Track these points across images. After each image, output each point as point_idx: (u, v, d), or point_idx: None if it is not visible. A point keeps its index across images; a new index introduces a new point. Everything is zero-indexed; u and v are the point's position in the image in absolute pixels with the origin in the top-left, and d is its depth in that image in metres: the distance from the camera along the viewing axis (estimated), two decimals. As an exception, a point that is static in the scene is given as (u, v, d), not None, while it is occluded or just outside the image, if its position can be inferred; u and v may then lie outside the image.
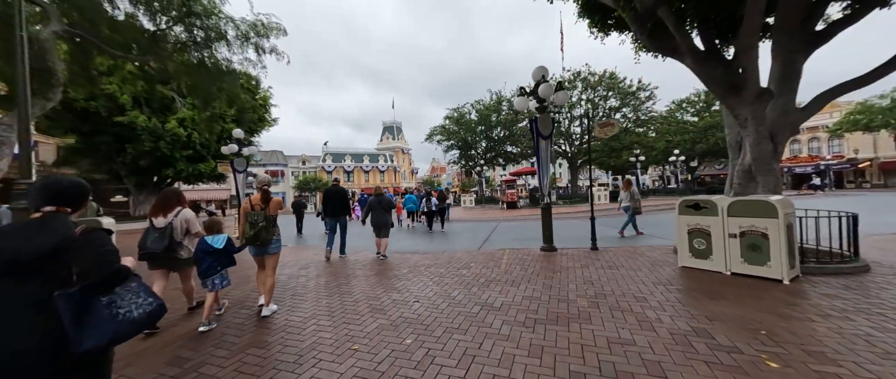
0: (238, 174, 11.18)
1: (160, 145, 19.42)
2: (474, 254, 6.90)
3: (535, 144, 6.61)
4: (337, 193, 7.35)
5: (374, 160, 56.52)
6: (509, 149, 32.28)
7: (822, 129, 41.47)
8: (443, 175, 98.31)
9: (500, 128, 29.43)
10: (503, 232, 10.95)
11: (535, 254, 6.59)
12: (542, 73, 6.34)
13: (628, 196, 8.93)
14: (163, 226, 3.59)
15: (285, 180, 49.88)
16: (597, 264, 5.47)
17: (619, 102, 22.57)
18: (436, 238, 10.56)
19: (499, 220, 15.46)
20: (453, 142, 30.27)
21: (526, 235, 9.80)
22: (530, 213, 17.78)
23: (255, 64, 9.53)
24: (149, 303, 1.38)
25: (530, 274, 5.02)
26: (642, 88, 21.91)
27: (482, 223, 14.32)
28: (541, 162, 6.64)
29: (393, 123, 63.75)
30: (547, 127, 6.54)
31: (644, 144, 22.22)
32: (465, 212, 21.37)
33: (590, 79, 22.22)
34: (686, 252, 4.85)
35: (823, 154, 40.92)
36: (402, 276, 5.36)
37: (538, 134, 6.52)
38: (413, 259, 6.69)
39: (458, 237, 10.24)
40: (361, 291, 4.58)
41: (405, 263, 6.30)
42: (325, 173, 51.09)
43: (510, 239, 9.28)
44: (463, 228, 12.54)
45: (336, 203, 7.32)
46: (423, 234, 11.78)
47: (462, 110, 29.84)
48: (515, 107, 6.70)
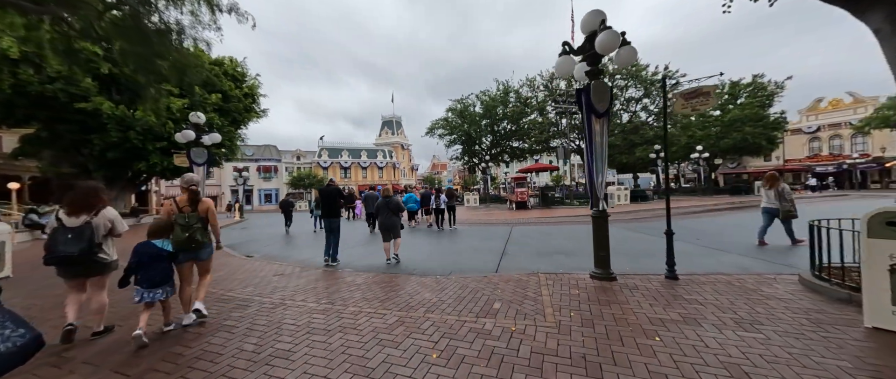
0: (197, 167, 9.15)
1: (130, 136, 17.40)
2: (495, 280, 4.89)
3: (586, 124, 4.57)
4: (329, 192, 6.93)
5: (372, 156, 54.44)
6: (515, 144, 30.20)
7: (845, 126, 39.35)
8: (443, 172, 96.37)
9: (507, 121, 27.34)
10: (521, 240, 8.94)
11: (583, 283, 4.57)
12: (599, 20, 4.28)
13: (775, 195, 6.86)
14: (78, 225, 3.17)
15: (279, 176, 47.84)
16: (704, 312, 3.46)
17: (642, 92, 20.36)
18: (442, 243, 8.57)
19: (510, 222, 13.45)
20: (456, 136, 28.17)
21: (552, 246, 7.78)
22: (542, 215, 15.75)
23: (208, 26, 7.45)
24: (20, 335, 1.15)
25: (599, 335, 3.01)
26: (669, 76, 19.67)
27: (492, 227, 12.32)
28: (593, 150, 4.59)
29: (392, 118, 61.55)
30: (603, 97, 4.50)
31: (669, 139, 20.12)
32: (470, 212, 19.36)
33: (608, 65, 19.94)
34: (886, 302, 2.84)
35: (846, 152, 38.81)
36: (387, 333, 3.34)
37: (590, 109, 4.48)
38: (409, 287, 4.68)
39: (466, 246, 8.24)
40: (303, 360, 2.58)
41: (399, 296, 4.29)
42: (320, 169, 49.04)
43: (534, 252, 7.26)
44: (471, 233, 10.55)
45: (328, 204, 6.86)
46: (425, 236, 9.83)
47: (466, 102, 27.70)
48: (557, 73, 4.64)
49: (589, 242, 5.11)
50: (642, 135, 20.87)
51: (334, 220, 6.75)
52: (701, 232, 9.24)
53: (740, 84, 25.52)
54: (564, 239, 8.88)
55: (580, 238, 8.83)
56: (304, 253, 8.37)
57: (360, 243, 9.46)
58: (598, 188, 4.56)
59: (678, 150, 23.98)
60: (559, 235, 9.54)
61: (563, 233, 10.00)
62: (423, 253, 7.76)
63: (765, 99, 25.08)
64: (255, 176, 46.34)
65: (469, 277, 5.15)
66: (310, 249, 8.81)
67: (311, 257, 7.64)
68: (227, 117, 21.84)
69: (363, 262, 7.03)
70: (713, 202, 18.68)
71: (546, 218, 14.21)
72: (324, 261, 6.69)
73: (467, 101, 27.71)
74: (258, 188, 46.79)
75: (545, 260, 6.47)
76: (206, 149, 9.33)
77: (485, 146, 28.82)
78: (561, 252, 7.12)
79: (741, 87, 25.19)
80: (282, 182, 47.48)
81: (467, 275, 5.33)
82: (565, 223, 12.63)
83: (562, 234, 9.86)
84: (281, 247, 9.71)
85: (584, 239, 8.54)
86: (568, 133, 20.76)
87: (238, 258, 7.58)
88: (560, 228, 11.30)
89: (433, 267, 6.27)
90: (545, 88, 22.49)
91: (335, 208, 6.82)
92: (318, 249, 8.58)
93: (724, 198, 21.02)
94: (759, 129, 24.71)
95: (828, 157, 39.75)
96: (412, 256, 7.41)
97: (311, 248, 9.10)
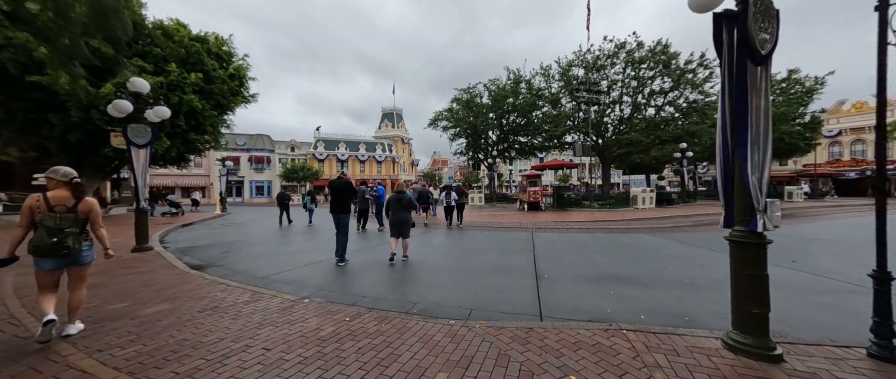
0: (137, 149, 7.15)
1: (93, 116, 15.33)
2: (550, 340, 2.95)
3: (735, 77, 2.57)
4: (341, 186, 6.39)
5: (370, 149, 52.31)
6: (523, 139, 28.13)
7: (868, 130, 37.44)
8: (444, 169, 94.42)
9: (516, 114, 25.26)
10: (552, 255, 6.97)
11: (721, 360, 2.60)
12: None
13: None
14: None
15: (272, 167, 45.64)
16: None
17: (673, 83, 18.20)
18: (451, 255, 6.55)
19: (525, 226, 11.47)
20: (461, 129, 26.05)
21: (600, 267, 5.78)
22: (560, 218, 13.78)
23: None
24: None
25: None
26: (704, 64, 17.57)
27: (507, 233, 10.34)
28: (746, 122, 2.57)
29: (393, 110, 59.27)
30: (769, 23, 2.50)
31: (696, 133, 18.02)
32: (477, 212, 17.40)
33: (636, 52, 17.91)
34: None
35: (869, 158, 36.91)
36: None
37: (745, 49, 2.49)
38: (406, 352, 2.72)
39: (484, 263, 6.27)
40: None
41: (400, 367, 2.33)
42: (315, 161, 46.89)
43: (581, 277, 5.28)
44: (485, 241, 8.58)
45: (338, 198, 6.37)
46: (429, 243, 7.86)
47: (473, 91, 25.55)
48: (691, 5, 2.58)
49: (646, 261, 3.27)
50: (669, 132, 18.81)
51: (344, 216, 6.34)
52: (788, 249, 7.29)
53: (774, 79, 23.49)
54: (608, 254, 6.91)
55: (629, 254, 6.86)
56: (273, 263, 6.40)
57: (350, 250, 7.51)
58: (754, 189, 2.54)
59: (701, 151, 22.02)
60: (596, 248, 7.59)
61: (600, 244, 8.04)
62: (429, 271, 5.78)
63: (802, 95, 23.08)
64: (246, 167, 44.19)
65: (503, 328, 3.18)
66: (285, 257, 6.85)
67: (275, 273, 5.67)
68: (210, 100, 19.75)
69: (346, 289, 5.08)
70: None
71: (567, 223, 12.24)
72: (335, 261, 6.32)
73: (474, 90, 25.59)
74: (249, 179, 44.64)
75: (603, 292, 4.51)
76: (151, 127, 7.30)
77: (491, 141, 26.75)
78: (619, 278, 5.15)
79: (775, 82, 23.14)
80: (275, 174, 45.29)
81: (498, 322, 3.37)
82: (594, 230, 10.66)
83: (598, 245, 7.90)
84: (254, 252, 7.73)
85: (636, 256, 6.58)
86: (589, 126, 18.41)
87: (179, 271, 5.60)
88: (591, 237, 9.33)
89: (444, 299, 4.30)
90: (562, 77, 20.38)
91: (346, 203, 6.40)
92: (297, 255, 6.71)
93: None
94: (796, 128, 22.81)
95: (850, 163, 37.91)
96: (415, 274, 5.44)
97: (288, 255, 7.14)
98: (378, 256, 6.97)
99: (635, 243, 8.09)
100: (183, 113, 18.04)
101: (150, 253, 6.94)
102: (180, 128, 18.20)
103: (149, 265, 6.08)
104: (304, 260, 6.73)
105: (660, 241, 8.41)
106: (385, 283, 5.07)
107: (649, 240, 8.58)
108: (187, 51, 18.32)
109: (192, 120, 18.79)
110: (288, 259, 6.86)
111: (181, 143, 19.17)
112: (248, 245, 8.71)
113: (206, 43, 19.86)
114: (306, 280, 5.29)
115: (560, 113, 20.84)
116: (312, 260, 6.68)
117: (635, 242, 8.21)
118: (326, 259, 6.70)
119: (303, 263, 6.49)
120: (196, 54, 18.49)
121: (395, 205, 6.45)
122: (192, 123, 18.93)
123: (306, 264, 6.34)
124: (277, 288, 4.77)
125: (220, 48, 20.66)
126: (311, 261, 6.62)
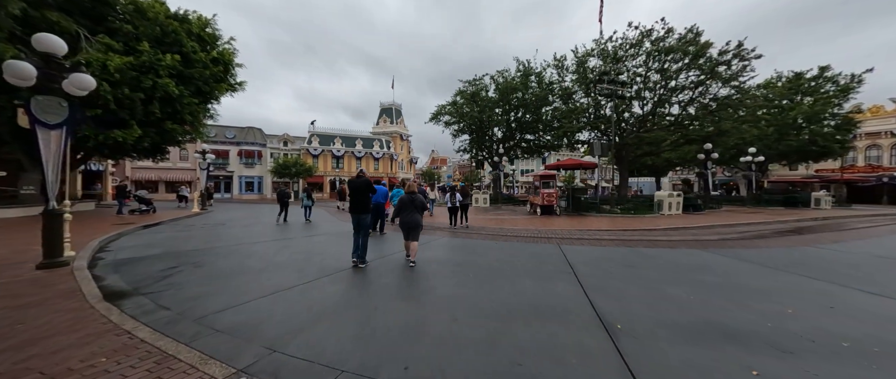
0: (47, 130, 5.34)
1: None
2: None
3: None
4: (360, 185, 6.07)
5: (368, 145, 50.36)
6: (529, 137, 26.40)
7: (885, 135, 36.10)
8: (443, 167, 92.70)
9: (523, 110, 23.51)
10: (603, 284, 5.25)
11: None
12: None
13: None
14: None
15: (263, 162, 43.51)
16: None
17: (703, 76, 16.20)
18: (466, 281, 4.73)
19: (543, 235, 9.73)
20: (465, 124, 24.24)
21: (692, 310, 4.01)
22: (579, 225, 12.07)
23: None
24: None
25: None
26: (741, 54, 15.79)
27: (523, 244, 8.60)
28: None
29: (391, 105, 57.30)
30: None
31: (728, 132, 16.29)
32: (482, 216, 15.68)
33: (666, 40, 16.15)
34: None
35: (884, 164, 35.60)
36: None
37: None
38: None
39: (514, 295, 4.52)
40: None
41: None
42: (309, 157, 44.87)
43: (671, 328, 3.52)
44: (499, 254, 6.86)
45: (358, 198, 6.04)
46: (430, 247, 6.15)
47: (479, 84, 23.74)
48: None
49: (740, 297, 3.32)
50: (698, 130, 17.09)
51: (364, 216, 6.05)
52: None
53: (803, 77, 21.90)
54: (678, 282, 5.18)
55: (706, 283, 5.14)
56: (228, 289, 4.62)
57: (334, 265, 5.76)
58: None
59: (725, 153, 20.41)
60: (654, 271, 5.88)
61: (654, 265, 6.33)
62: (442, 309, 4.05)
63: (838, 93, 21.47)
64: (235, 161, 42.07)
65: None
66: (247, 278, 5.07)
67: (221, 308, 3.89)
68: (190, 86, 17.85)
69: (316, 347, 3.33)
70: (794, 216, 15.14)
71: (592, 232, 10.53)
72: (351, 262, 6.00)
73: (480, 83, 23.78)
74: (239, 175, 42.50)
75: (731, 365, 2.79)
76: (70, 102, 5.48)
77: (497, 138, 24.99)
78: (732, 333, 3.42)
79: (804, 80, 21.55)
80: (266, 169, 43.19)
81: None
82: (631, 243, 8.93)
83: (653, 266, 6.19)
84: (210, 269, 5.93)
85: (718, 287, 4.88)
86: (612, 122, 16.40)
87: (78, 305, 3.81)
88: (634, 253, 7.62)
89: (474, 375, 2.57)
90: (578, 68, 18.61)
91: (365, 203, 6.11)
92: (264, 274, 5.00)
93: (788, 212, 17.43)
94: (830, 130, 21.28)
95: (865, 168, 36.57)
96: (424, 319, 3.69)
97: (253, 274, 5.36)
98: (370, 280, 5.23)
99: (700, 265, 6.39)
100: (157, 98, 16.16)
101: (61, 270, 5.15)
102: (154, 115, 16.30)
103: (44, 291, 4.30)
104: (272, 283, 4.97)
105: (727, 261, 6.72)
106: (378, 334, 3.32)
107: (712, 259, 6.88)
108: (163, 29, 16.38)
109: (168, 107, 16.90)
110: (250, 281, 5.09)
111: (156, 132, 17.25)
112: (209, 256, 6.91)
113: (187, 23, 17.90)
114: (261, 324, 3.54)
115: (577, 108, 19.07)
116: (281, 284, 4.92)
117: (698, 264, 6.51)
118: (299, 284, 4.94)
119: (268, 288, 4.73)
120: (174, 34, 16.55)
121: (408, 206, 6.10)
122: (168, 111, 17.04)
123: (271, 292, 4.58)
124: (206, 345, 3.01)
125: (203, 29, 18.66)
126: (278, 285, 4.86)
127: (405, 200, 6.21)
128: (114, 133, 14.91)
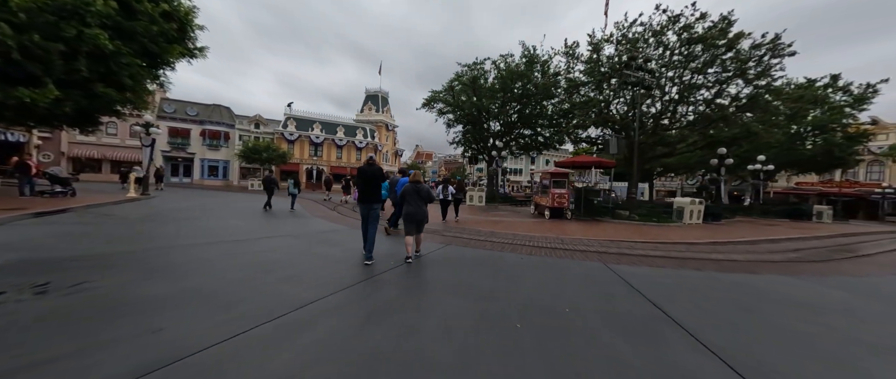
0: None
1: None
2: None
3: None
4: (371, 174, 5.57)
5: (350, 134, 47.11)
6: (527, 132, 24.56)
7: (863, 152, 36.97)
8: (428, 163, 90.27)
9: (525, 101, 21.55)
10: (739, 350, 3.20)
11: None
12: None
13: None
14: None
15: (230, 145, 39.42)
16: None
17: (734, 70, 14.20)
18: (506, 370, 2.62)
19: (570, 247, 7.67)
20: (462, 113, 22.02)
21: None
22: (601, 233, 10.17)
23: None
24: None
25: None
26: (776, 49, 14.28)
27: (557, 259, 6.49)
28: None
29: (378, 92, 54.05)
30: None
31: (760, 136, 14.88)
32: (480, 216, 13.56)
33: (696, 27, 14.45)
34: None
35: (860, 180, 36.49)
36: None
37: None
38: None
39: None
40: None
41: None
42: (284, 142, 41.18)
43: None
44: (534, 281, 4.74)
45: (367, 187, 5.54)
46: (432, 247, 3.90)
47: (479, 69, 21.52)
48: None
49: None
50: (726, 131, 15.63)
51: (375, 206, 5.53)
52: None
53: (814, 84, 21.18)
54: (829, 335, 3.22)
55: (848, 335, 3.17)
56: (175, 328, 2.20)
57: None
58: None
59: (734, 158, 19.32)
60: (780, 316, 3.92)
61: (768, 300, 4.38)
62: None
63: (852, 103, 20.91)
64: (197, 142, 37.82)
65: None
66: (133, 320, 2.67)
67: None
68: (132, 44, 14.62)
69: None
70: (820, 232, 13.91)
71: (628, 243, 8.59)
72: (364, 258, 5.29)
73: (481, 68, 21.57)
74: (201, 157, 38.29)
75: None
76: None
77: (495, 131, 22.95)
78: None
79: (815, 87, 20.83)
80: (233, 152, 39.13)
81: None
82: (695, 262, 6.97)
83: (770, 304, 4.24)
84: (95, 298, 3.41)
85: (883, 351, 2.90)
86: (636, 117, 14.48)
87: None
88: (710, 278, 5.69)
89: None
90: (592, 56, 16.75)
91: (377, 193, 5.56)
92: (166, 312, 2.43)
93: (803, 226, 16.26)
94: (838, 141, 20.74)
95: (845, 185, 37.38)
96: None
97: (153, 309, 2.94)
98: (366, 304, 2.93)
99: (811, 302, 4.49)
100: (84, 54, 12.92)
101: None
102: (80, 74, 13.02)
103: None
104: (163, 336, 2.55)
105: (834, 292, 4.88)
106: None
107: (814, 291, 5.02)
108: (95, -36, 13.05)
109: (100, 66, 13.65)
110: (132, 324, 2.65)
111: (83, 96, 13.92)
112: (98, 268, 4.34)
113: (135, -32, 14.58)
114: None
115: (591, 99, 17.26)
116: (174, 338, 2.51)
117: (808, 301, 4.61)
118: (220, 340, 2.57)
119: (151, 345, 2.31)
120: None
121: (412, 197, 5.74)
122: (100, 71, 13.77)
123: (153, 359, 2.18)
124: None
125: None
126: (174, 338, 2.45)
127: (409, 189, 5.73)
128: (17, 91, 11.58)
